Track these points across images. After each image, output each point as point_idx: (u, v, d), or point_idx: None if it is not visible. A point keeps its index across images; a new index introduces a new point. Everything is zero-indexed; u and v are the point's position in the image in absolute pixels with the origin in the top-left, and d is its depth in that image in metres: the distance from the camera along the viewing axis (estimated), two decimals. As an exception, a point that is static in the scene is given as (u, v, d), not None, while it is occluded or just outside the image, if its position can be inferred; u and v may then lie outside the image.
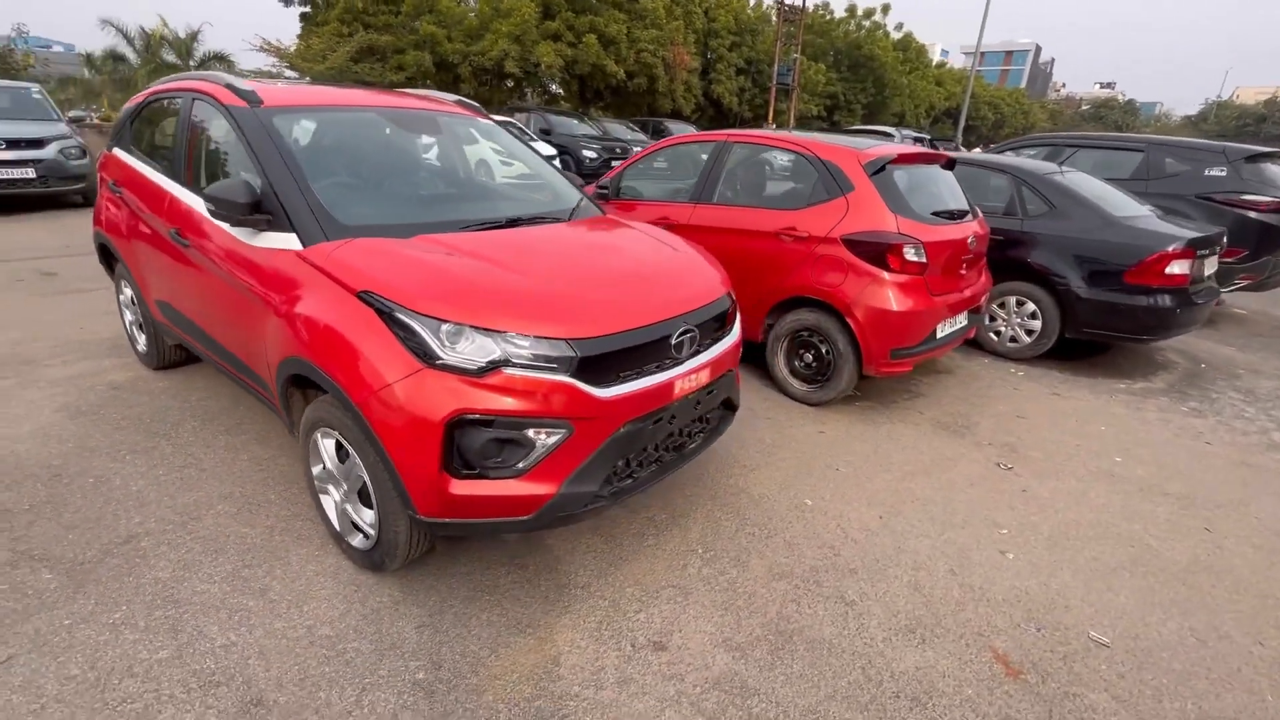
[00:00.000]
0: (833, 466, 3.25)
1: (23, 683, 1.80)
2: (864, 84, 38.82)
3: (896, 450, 3.47)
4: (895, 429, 3.72)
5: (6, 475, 2.75)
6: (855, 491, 3.04)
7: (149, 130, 3.34)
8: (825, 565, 2.50)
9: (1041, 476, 3.30)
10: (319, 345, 2.03)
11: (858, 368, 3.69)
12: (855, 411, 3.92)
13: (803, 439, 3.52)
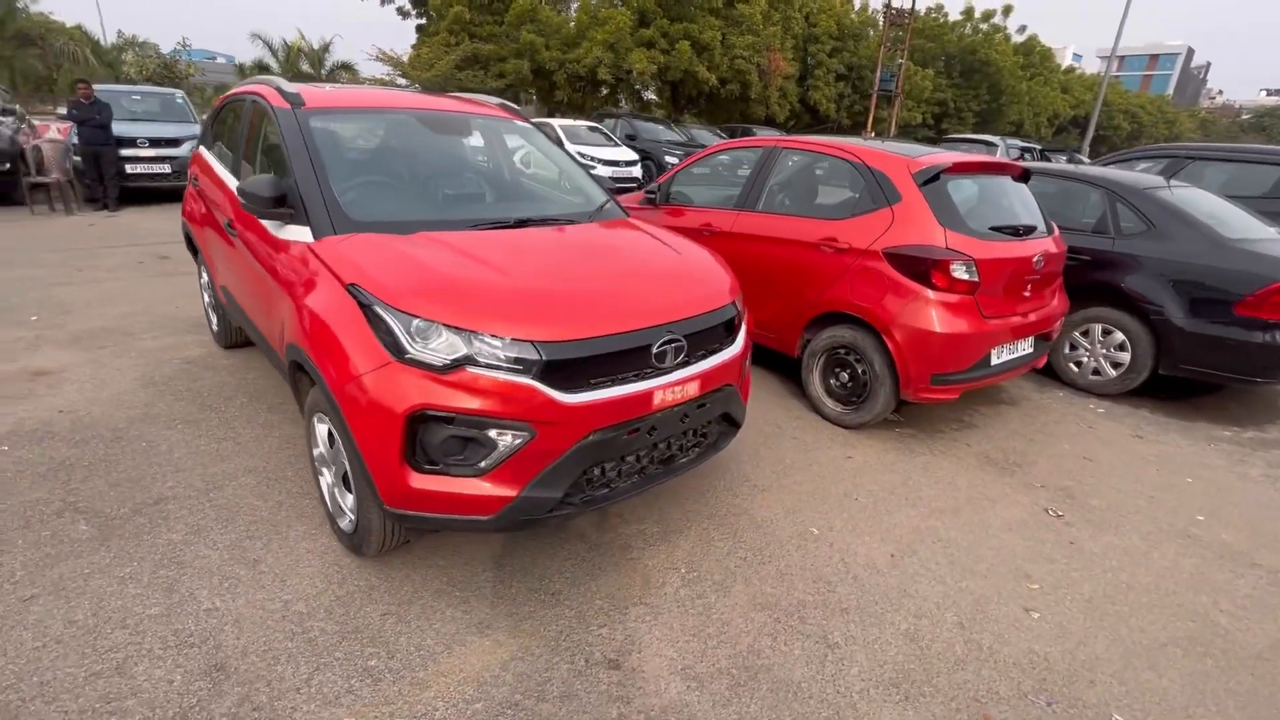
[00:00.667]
0: (851, 495, 3.03)
1: (35, 621, 2.00)
2: (977, 90, 36.50)
3: (928, 484, 3.18)
4: (933, 461, 3.42)
5: (78, 433, 3.09)
6: (870, 525, 2.81)
7: (221, 130, 3.67)
8: (815, 601, 2.33)
9: (1098, 529, 2.92)
10: (311, 334, 2.12)
11: (895, 391, 3.43)
12: (892, 438, 3.64)
13: (825, 463, 3.31)
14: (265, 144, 2.96)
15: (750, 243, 4.07)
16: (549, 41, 20.95)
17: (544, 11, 21.19)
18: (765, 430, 3.61)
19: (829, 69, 28.07)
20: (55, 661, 1.86)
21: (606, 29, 20.17)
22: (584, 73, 20.79)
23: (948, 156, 3.48)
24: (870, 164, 3.55)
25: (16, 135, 8.66)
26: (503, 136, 3.42)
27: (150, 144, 9.02)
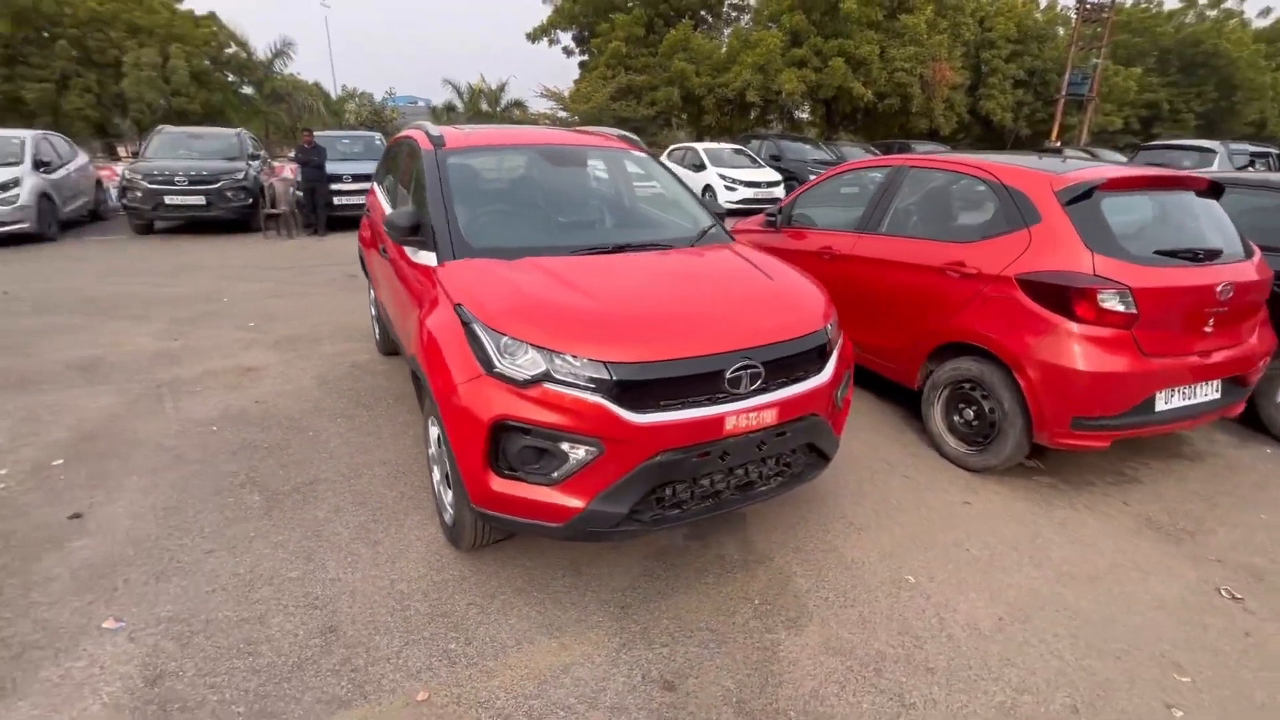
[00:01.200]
0: (963, 545, 2.75)
1: (210, 570, 2.47)
2: (1201, 88, 31.20)
3: (1063, 543, 2.79)
4: (1075, 517, 2.99)
5: (265, 420, 3.75)
6: (979, 581, 2.53)
7: (388, 167, 4.27)
8: (897, 655, 2.15)
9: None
10: (425, 347, 2.41)
11: (1027, 433, 3.06)
12: (1026, 487, 3.24)
13: (938, 506, 3.04)
14: (414, 179, 3.42)
15: (870, 266, 3.88)
16: (699, 68, 21.49)
17: (695, 40, 21.79)
18: (873, 466, 3.39)
19: (1005, 75, 25.59)
20: (219, 605, 2.28)
21: (757, 51, 20.24)
22: (732, 96, 21.00)
23: (1103, 171, 3.06)
24: (1006, 181, 3.23)
25: (259, 175, 10.71)
26: (618, 166, 3.62)
27: (353, 179, 10.66)
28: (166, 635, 2.14)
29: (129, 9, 20.61)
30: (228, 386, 4.23)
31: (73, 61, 20.09)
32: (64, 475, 3.12)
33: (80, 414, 3.78)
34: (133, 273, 7.57)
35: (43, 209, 9.06)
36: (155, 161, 10.04)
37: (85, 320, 5.62)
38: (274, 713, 1.87)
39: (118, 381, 4.28)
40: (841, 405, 2.66)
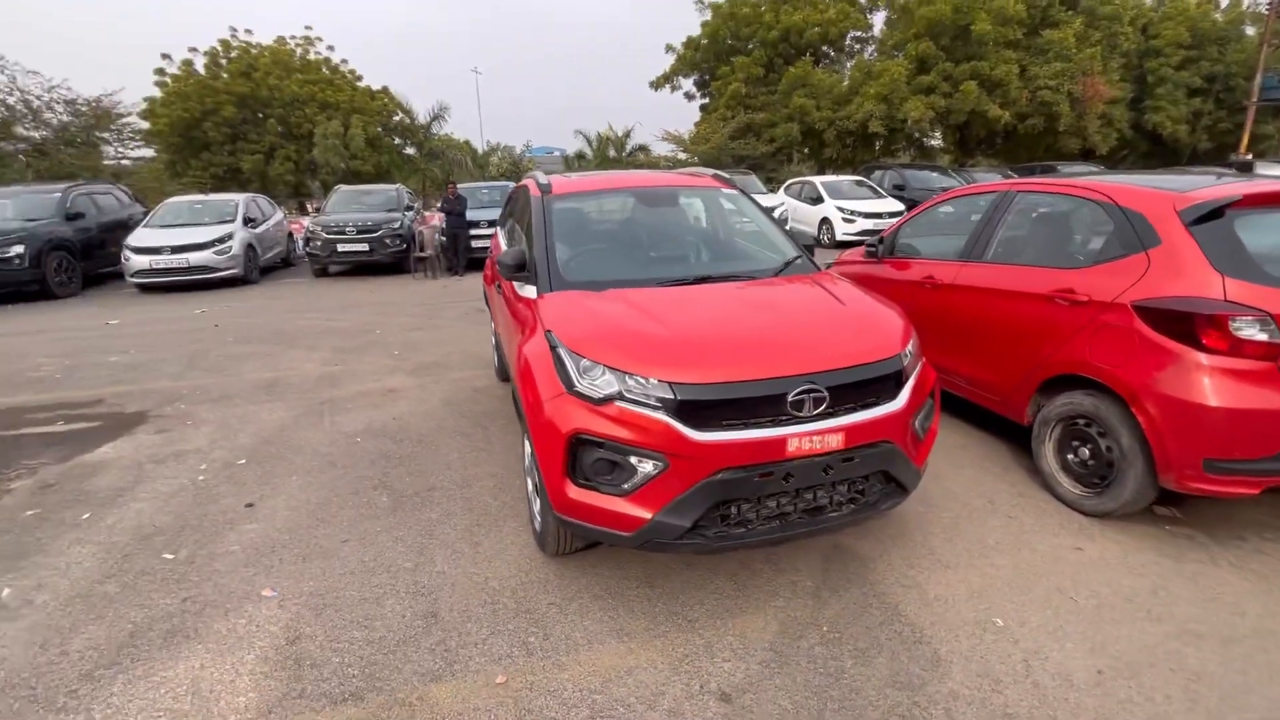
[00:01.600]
0: (1066, 592, 2.54)
1: (343, 557, 2.90)
2: None
3: (1194, 599, 2.48)
4: (1214, 573, 2.64)
5: (399, 434, 4.30)
6: (1080, 630, 2.33)
7: (509, 212, 4.79)
8: (972, 697, 2.05)
9: None
10: (520, 369, 2.72)
11: (1150, 476, 2.77)
12: (1155, 536, 2.91)
13: (1042, 550, 2.82)
14: (526, 222, 3.84)
15: (974, 296, 3.73)
16: (820, 103, 21.36)
17: (815, 75, 21.73)
18: (972, 504, 3.21)
19: (1176, 84, 22.83)
20: (347, 585, 2.69)
21: (880, 82, 19.79)
22: (854, 127, 20.60)
23: (1238, 187, 2.76)
24: (1121, 202, 3.01)
25: (412, 224, 12.19)
26: (707, 204, 3.82)
27: (489, 225, 11.79)
28: (306, 606, 2.57)
29: (322, 90, 24.46)
30: (373, 405, 4.89)
31: (278, 136, 24.14)
32: (245, 472, 3.80)
33: (260, 424, 4.56)
34: (310, 310, 8.93)
35: (248, 258, 10.98)
36: (332, 215, 11.83)
37: (272, 349, 6.73)
38: (380, 678, 2.19)
39: (290, 399, 5.11)
40: (924, 435, 2.61)
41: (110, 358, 6.48)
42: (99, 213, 11.41)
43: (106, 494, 3.57)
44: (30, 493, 3.62)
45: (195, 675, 2.22)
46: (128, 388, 5.50)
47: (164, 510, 3.37)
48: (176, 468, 3.89)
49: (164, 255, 10.11)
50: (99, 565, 2.89)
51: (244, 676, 2.21)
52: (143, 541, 3.07)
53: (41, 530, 3.20)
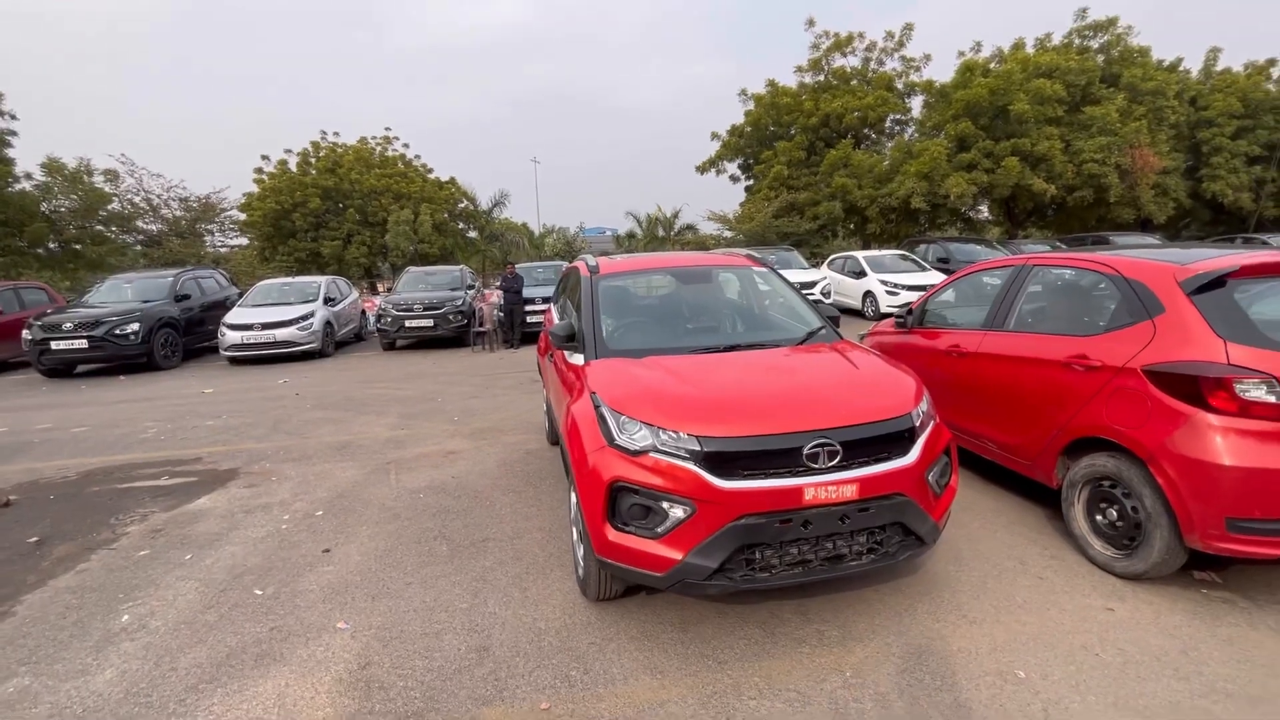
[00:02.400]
0: (1092, 649, 2.59)
1: (408, 598, 3.21)
2: None
3: (1226, 660, 2.49)
4: (1250, 635, 2.63)
5: (457, 491, 4.67)
6: (1105, 686, 2.38)
7: (562, 289, 5.31)
8: (988, 740, 2.14)
9: None
10: (568, 427, 3.07)
11: (1176, 537, 2.82)
12: (1191, 600, 2.91)
13: (1071, 609, 2.87)
14: (575, 299, 4.31)
15: (997, 363, 3.91)
16: (861, 181, 22.03)
17: (856, 156, 22.54)
18: (1002, 564, 3.28)
19: (1233, 153, 22.51)
20: (410, 621, 2.99)
21: (920, 161, 20.35)
22: (896, 204, 21.07)
23: (1236, 259, 2.94)
24: (1126, 274, 3.21)
25: (472, 301, 13.12)
26: (741, 281, 4.21)
27: (543, 301, 12.58)
28: (375, 638, 2.87)
29: (397, 182, 26.89)
30: (434, 464, 5.32)
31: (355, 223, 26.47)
32: (322, 523, 4.22)
33: (334, 481, 5.03)
34: (379, 380, 9.67)
35: (326, 333, 12.03)
36: (401, 294, 12.89)
37: (344, 414, 7.36)
38: (439, 700, 2.44)
39: (361, 459, 5.60)
40: (940, 491, 2.78)
41: (207, 422, 7.22)
42: (202, 294, 12.81)
43: (205, 538, 4.04)
44: (142, 536, 4.12)
45: (281, 692, 2.54)
46: (222, 448, 6.13)
47: (254, 553, 3.79)
48: (264, 517, 4.35)
49: (254, 331, 11.22)
50: (200, 598, 3.29)
51: (322, 695, 2.51)
52: (236, 579, 3.48)
53: (152, 568, 3.66)
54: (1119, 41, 22.31)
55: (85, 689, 2.61)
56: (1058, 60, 20.53)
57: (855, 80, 24.47)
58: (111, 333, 10.49)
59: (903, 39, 24.21)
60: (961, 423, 4.15)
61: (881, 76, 24.15)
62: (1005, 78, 20.18)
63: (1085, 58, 21.42)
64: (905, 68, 24.40)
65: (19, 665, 2.79)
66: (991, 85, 20.22)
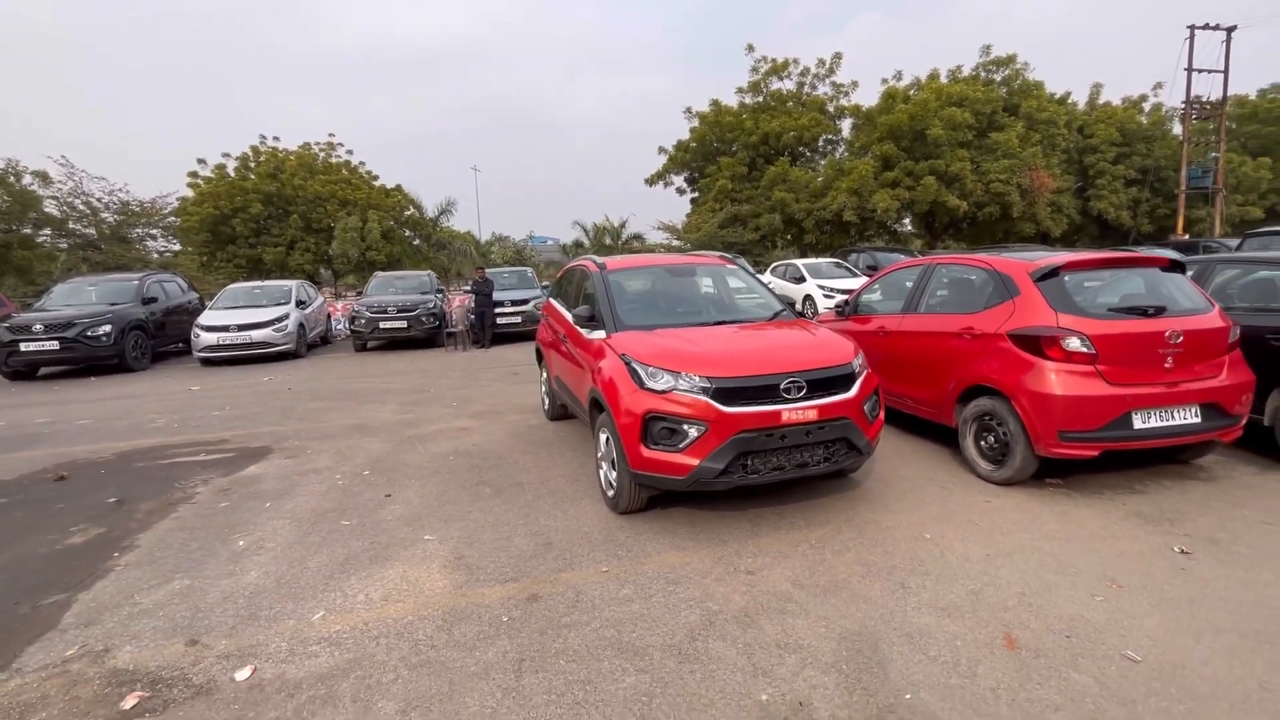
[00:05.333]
0: (974, 521, 3.78)
1: (473, 520, 4.08)
2: (1358, 170, 29.04)
3: (1057, 521, 3.72)
4: (1075, 509, 3.89)
5: (481, 454, 5.52)
6: (978, 537, 3.56)
7: (561, 285, 6.25)
8: (905, 567, 3.26)
9: (1224, 565, 3.17)
10: (604, 382, 4.04)
11: (1030, 448, 4.07)
12: (1041, 493, 4.16)
13: (963, 502, 4.07)
14: (585, 290, 5.27)
15: (913, 338, 5.14)
16: (798, 196, 23.86)
17: (793, 173, 24.38)
18: (917, 481, 4.48)
19: (1114, 176, 25.71)
20: (482, 533, 3.87)
21: (850, 178, 22.32)
22: (830, 217, 22.96)
23: (1063, 258, 4.25)
24: (997, 268, 4.49)
25: (442, 304, 13.75)
26: (717, 275, 5.30)
27: (511, 304, 13.39)
28: (460, 542, 3.75)
29: (343, 189, 26.80)
30: (451, 437, 6.13)
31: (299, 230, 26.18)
32: (373, 479, 5.00)
33: (367, 451, 5.78)
34: (363, 376, 10.24)
35: (300, 335, 12.40)
36: (373, 297, 13.39)
37: (345, 403, 7.99)
38: (526, 571, 3.36)
39: (381, 435, 6.34)
40: (873, 419, 3.91)
41: (213, 412, 7.71)
42: (166, 298, 12.90)
43: (274, 493, 4.75)
44: (214, 494, 4.79)
45: (402, 574, 3.39)
46: (243, 431, 6.71)
47: (325, 500, 4.55)
48: (317, 478, 5.08)
49: (231, 332, 11.51)
50: (296, 529, 4.06)
51: (435, 573, 3.38)
52: (320, 517, 4.25)
53: (240, 513, 4.37)
54: (1018, 76, 25.13)
55: (239, 582, 3.37)
56: (967, 91, 23.00)
57: (791, 102, 26.44)
58: (84, 334, 10.59)
59: (833, 65, 26.37)
60: (889, 386, 5.36)
61: (815, 100, 26.22)
62: (922, 105, 22.45)
63: (990, 89, 24.08)
64: (836, 92, 26.57)
65: (172, 573, 3.51)
66: (911, 111, 22.45)
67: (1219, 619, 2.73)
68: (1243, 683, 2.33)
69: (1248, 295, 4.93)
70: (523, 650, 2.67)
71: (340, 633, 2.86)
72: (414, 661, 2.63)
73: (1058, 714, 2.21)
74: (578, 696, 2.38)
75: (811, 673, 2.47)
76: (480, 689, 2.44)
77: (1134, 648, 2.55)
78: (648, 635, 2.75)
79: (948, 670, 2.46)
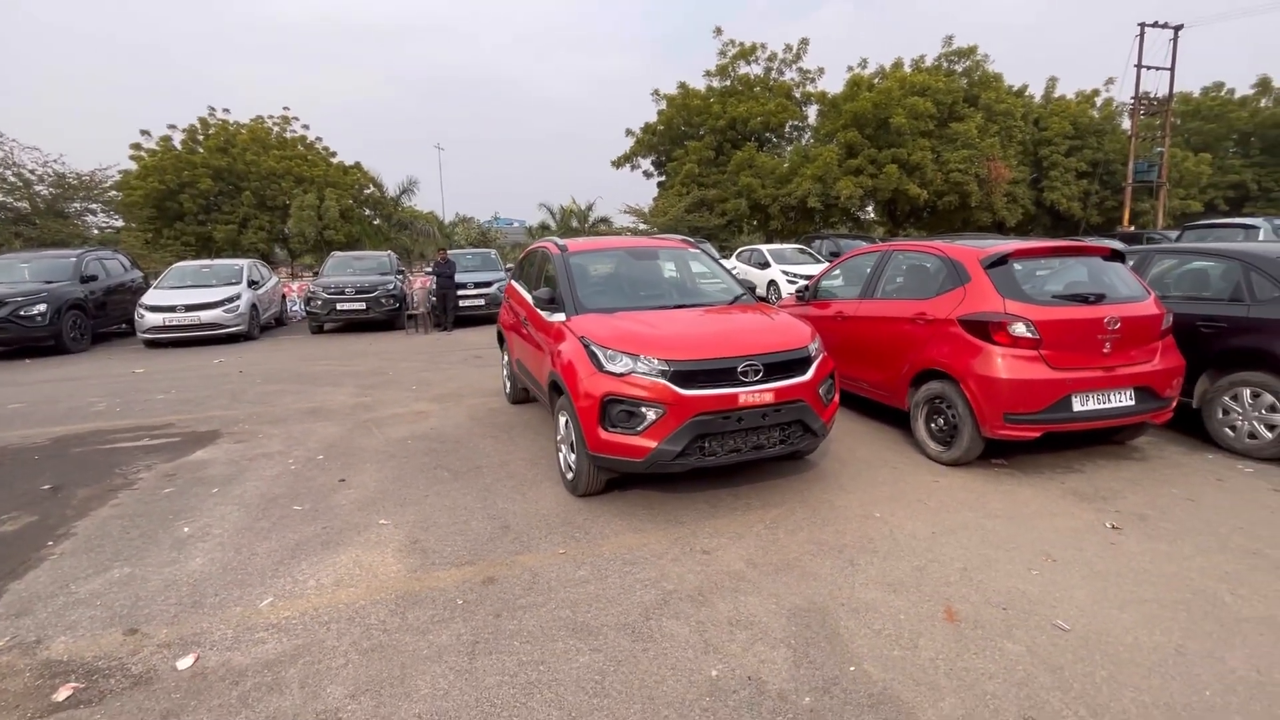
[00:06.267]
0: (923, 501, 3.90)
1: (429, 504, 4.04)
2: (1291, 165, 30.66)
3: (1000, 500, 3.87)
4: (1017, 489, 4.05)
5: (439, 438, 5.45)
6: (926, 516, 3.68)
7: (524, 268, 6.17)
8: (855, 545, 3.36)
9: (1150, 539, 3.35)
10: (563, 364, 4.02)
11: (977, 430, 4.21)
12: (986, 473, 4.32)
13: (912, 482, 4.19)
14: (546, 273, 5.21)
15: (869, 322, 5.25)
16: (764, 182, 23.98)
17: (760, 158, 24.48)
18: (871, 461, 4.60)
19: (1066, 168, 26.56)
20: (439, 516, 3.83)
21: (815, 165, 22.52)
22: (795, 203, 23.16)
23: (1012, 246, 4.38)
24: (949, 255, 4.61)
25: (402, 286, 13.44)
26: (679, 258, 5.30)
27: (475, 286, 13.17)
28: (415, 526, 3.70)
29: (298, 165, 25.84)
30: (409, 421, 6.03)
31: (252, 207, 25.18)
32: (327, 463, 4.88)
33: (320, 436, 5.64)
34: (320, 358, 9.96)
35: (252, 316, 11.98)
36: (331, 277, 13.00)
37: (300, 387, 7.77)
38: (482, 554, 3.35)
39: (336, 419, 6.19)
40: (828, 402, 3.99)
41: (157, 396, 7.41)
42: (107, 276, 12.29)
43: (222, 478, 4.60)
44: (157, 479, 4.62)
45: (355, 559, 3.34)
46: (189, 415, 6.47)
47: (276, 485, 4.43)
48: (268, 462, 4.94)
49: (177, 313, 11.04)
50: (246, 514, 3.95)
51: (389, 557, 3.34)
52: (271, 502, 4.14)
53: (185, 499, 4.23)
54: (978, 68, 25.64)
55: (183, 570, 3.27)
56: (929, 81, 23.38)
57: (758, 87, 26.46)
58: (16, 314, 10.04)
59: (800, 51, 26.46)
60: (846, 370, 5.47)
61: (781, 85, 26.29)
62: (886, 93, 22.74)
63: (951, 79, 24.52)
64: (802, 78, 26.69)
65: (111, 561, 3.38)
66: (875, 99, 22.72)
67: (1142, 590, 2.89)
68: (1161, 648, 2.48)
69: (1182, 285, 5.17)
70: (477, 633, 2.67)
71: (289, 619, 2.81)
72: (365, 646, 2.60)
73: (991, 681, 2.32)
74: (530, 677, 2.39)
75: (761, 648, 2.53)
76: (432, 672, 2.43)
77: (1064, 618, 2.68)
78: (602, 615, 2.77)
79: (890, 643, 2.54)
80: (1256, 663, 2.38)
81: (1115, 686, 2.27)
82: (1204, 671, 2.34)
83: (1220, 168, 30.40)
